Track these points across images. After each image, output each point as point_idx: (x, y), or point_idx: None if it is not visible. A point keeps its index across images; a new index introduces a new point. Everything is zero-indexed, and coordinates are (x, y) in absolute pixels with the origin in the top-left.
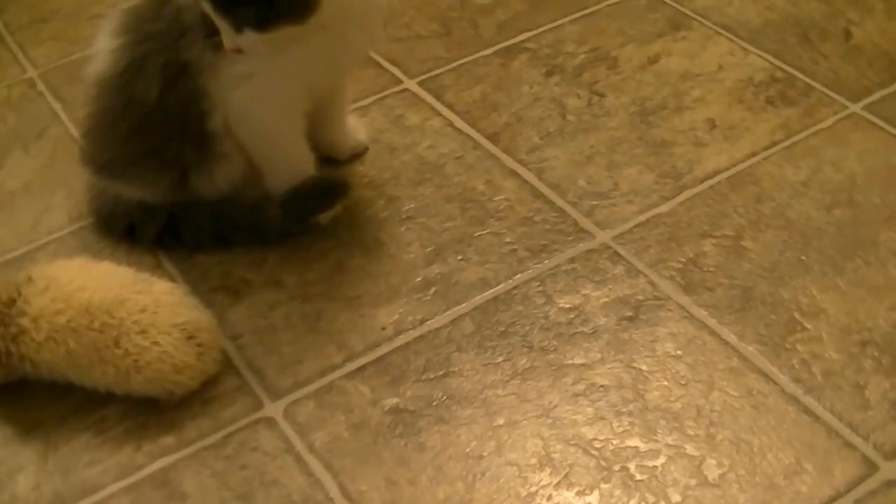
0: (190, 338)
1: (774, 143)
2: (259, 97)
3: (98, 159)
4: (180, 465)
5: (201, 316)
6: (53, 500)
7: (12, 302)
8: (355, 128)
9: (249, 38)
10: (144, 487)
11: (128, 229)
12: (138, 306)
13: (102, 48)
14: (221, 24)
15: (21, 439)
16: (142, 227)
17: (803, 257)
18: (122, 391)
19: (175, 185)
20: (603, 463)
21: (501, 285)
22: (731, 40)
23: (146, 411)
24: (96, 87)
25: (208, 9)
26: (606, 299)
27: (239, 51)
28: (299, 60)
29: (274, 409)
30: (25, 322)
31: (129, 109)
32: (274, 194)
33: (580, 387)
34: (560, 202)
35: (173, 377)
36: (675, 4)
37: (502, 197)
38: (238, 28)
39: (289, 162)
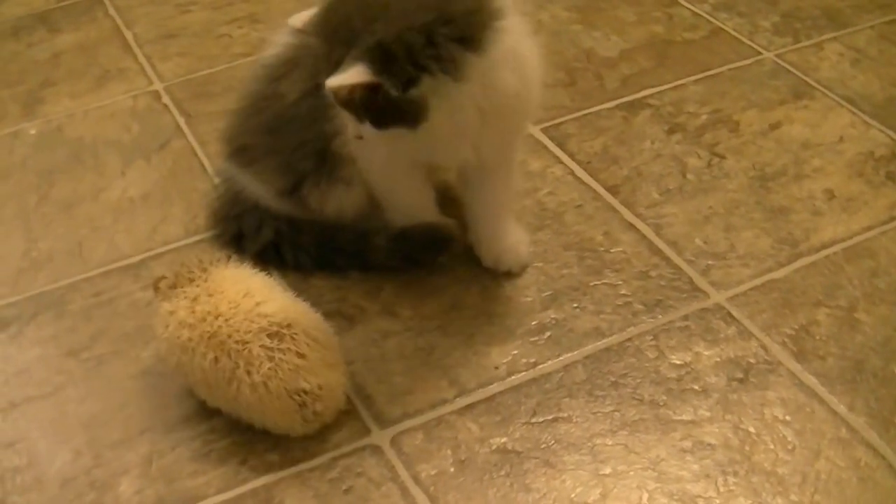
0: (302, 406)
1: (892, 219)
2: (371, 154)
3: (234, 143)
4: (284, 483)
5: (333, 383)
6: None
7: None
8: (516, 241)
9: (368, 129)
10: (247, 502)
11: (235, 238)
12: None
13: (282, 38)
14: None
15: (127, 443)
16: (249, 238)
17: None
18: (219, 403)
19: (289, 189)
20: None
21: (615, 336)
22: (854, 113)
23: (252, 428)
24: (258, 70)
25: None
26: (718, 359)
27: (360, 137)
28: (403, 141)
29: (381, 438)
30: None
31: (271, 101)
32: (389, 224)
33: (687, 443)
34: (677, 259)
35: (273, 426)
36: (798, 73)
37: (619, 249)
38: (360, 120)
39: (405, 206)
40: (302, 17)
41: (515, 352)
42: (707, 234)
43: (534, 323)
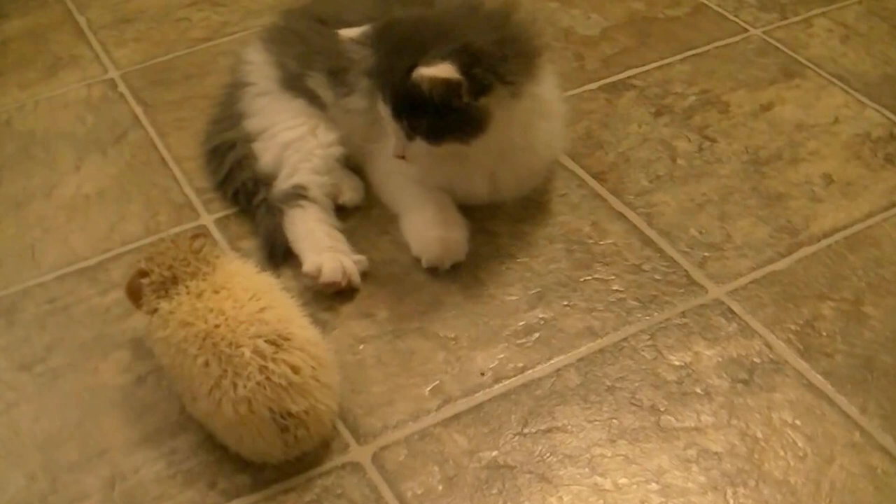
0: (284, 430)
1: (894, 204)
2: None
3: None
4: None
5: (322, 408)
6: None
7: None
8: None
9: (417, 147)
10: None
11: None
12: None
13: None
14: (395, 128)
15: (86, 465)
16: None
17: None
18: (198, 416)
19: None
20: None
21: (609, 336)
22: (847, 92)
23: (222, 446)
24: None
25: (385, 112)
26: (719, 359)
27: (402, 157)
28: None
29: (362, 454)
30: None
31: None
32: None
33: (692, 452)
34: (671, 251)
35: (249, 450)
36: (787, 51)
37: (609, 241)
38: (410, 136)
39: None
40: (352, 31)
41: (502, 355)
42: (701, 224)
43: (521, 323)
